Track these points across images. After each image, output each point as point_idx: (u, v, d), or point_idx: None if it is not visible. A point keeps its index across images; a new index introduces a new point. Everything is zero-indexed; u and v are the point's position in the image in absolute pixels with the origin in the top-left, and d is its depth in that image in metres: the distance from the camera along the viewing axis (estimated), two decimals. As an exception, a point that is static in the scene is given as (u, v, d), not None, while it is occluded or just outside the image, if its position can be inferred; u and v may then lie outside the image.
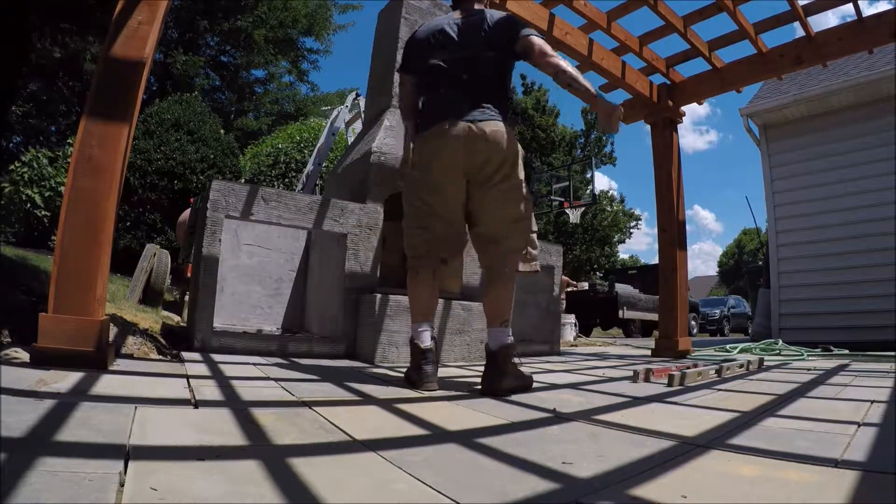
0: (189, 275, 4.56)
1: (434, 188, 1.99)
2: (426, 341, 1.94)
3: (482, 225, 2.02)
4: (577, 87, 1.91)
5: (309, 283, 3.66)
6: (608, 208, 26.82)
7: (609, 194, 28.07)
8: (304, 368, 2.24)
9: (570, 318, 7.74)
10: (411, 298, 2.08)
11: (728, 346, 4.78)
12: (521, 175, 1.99)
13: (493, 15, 2.04)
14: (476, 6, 2.12)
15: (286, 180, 11.65)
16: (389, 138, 3.20)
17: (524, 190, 2.01)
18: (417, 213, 2.07)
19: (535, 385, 1.99)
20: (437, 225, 2.03)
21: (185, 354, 2.32)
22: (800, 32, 3.83)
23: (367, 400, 1.59)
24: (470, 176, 1.95)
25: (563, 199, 16.30)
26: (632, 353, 4.75)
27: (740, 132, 7.83)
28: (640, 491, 0.82)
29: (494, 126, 1.90)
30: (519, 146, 2.00)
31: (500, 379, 1.83)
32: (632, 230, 28.49)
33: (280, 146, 12.42)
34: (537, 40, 1.95)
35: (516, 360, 1.94)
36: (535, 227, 2.08)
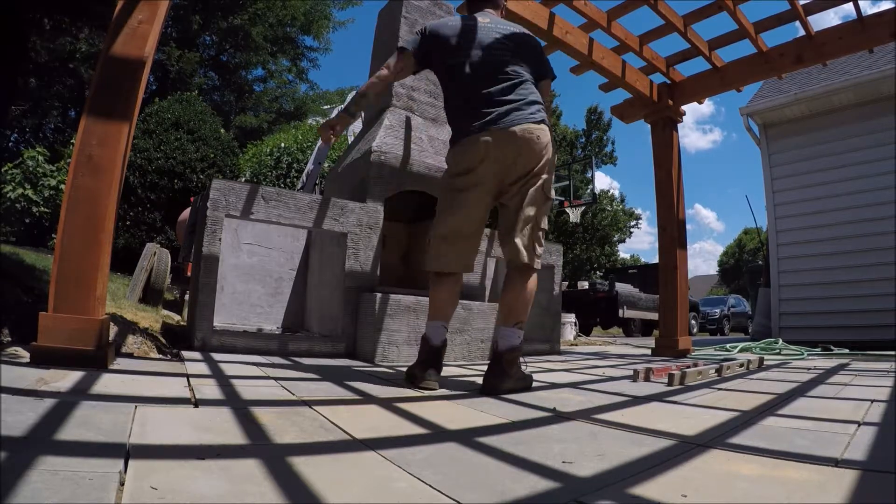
0: (189, 274, 4.56)
1: (465, 193, 1.98)
2: (437, 340, 1.93)
3: (501, 224, 2.03)
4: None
5: (309, 282, 3.66)
6: (608, 207, 26.84)
7: (609, 193, 28.10)
8: (305, 367, 2.24)
9: (570, 318, 7.74)
10: (432, 299, 2.04)
11: (728, 346, 4.78)
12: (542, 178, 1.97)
13: (514, 28, 2.09)
14: (493, 13, 2.14)
15: (287, 180, 11.64)
16: (389, 137, 3.20)
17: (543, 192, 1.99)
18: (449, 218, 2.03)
19: (535, 384, 1.99)
20: (462, 229, 2.00)
21: (186, 353, 2.32)
22: (800, 31, 3.83)
23: (367, 399, 1.59)
24: (500, 178, 1.96)
25: (563, 199, 16.29)
26: (632, 352, 4.75)
27: (743, 131, 7.95)
28: (640, 490, 0.82)
29: (525, 127, 1.90)
30: (549, 149, 1.98)
31: (502, 380, 1.83)
32: (632, 229, 28.55)
33: (283, 146, 12.39)
34: (548, 87, 2.15)
35: (520, 360, 1.94)
36: (543, 226, 2.02)
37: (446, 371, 2.41)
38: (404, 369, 2.38)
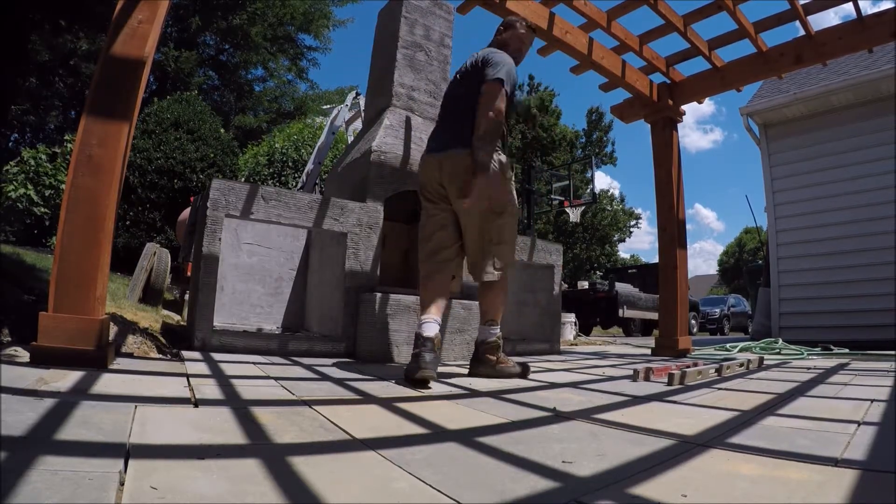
0: (189, 274, 4.56)
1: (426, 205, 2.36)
2: (428, 331, 2.01)
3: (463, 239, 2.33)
4: (482, 148, 2.08)
5: (309, 282, 3.66)
6: (608, 207, 26.85)
7: (609, 193, 28.12)
8: (304, 367, 2.24)
9: (570, 317, 7.74)
10: (422, 297, 2.21)
11: (728, 345, 4.78)
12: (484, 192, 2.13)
13: (478, 54, 2.30)
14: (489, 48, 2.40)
15: (281, 178, 11.66)
16: (389, 137, 3.20)
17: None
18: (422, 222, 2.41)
19: (534, 384, 1.99)
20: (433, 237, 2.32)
21: (185, 353, 2.32)
22: (800, 31, 3.83)
23: (366, 399, 1.59)
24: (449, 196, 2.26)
25: (563, 199, 16.28)
26: (632, 351, 4.75)
27: (744, 131, 7.92)
28: (640, 490, 0.82)
29: (459, 151, 2.17)
30: (495, 168, 2.18)
31: (478, 366, 2.25)
32: (632, 229, 28.56)
33: (277, 146, 12.42)
34: (492, 87, 2.11)
35: (502, 355, 2.28)
36: (496, 238, 2.25)
37: (446, 370, 2.41)
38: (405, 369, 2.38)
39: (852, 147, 6.45)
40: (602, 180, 65.63)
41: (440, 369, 2.33)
